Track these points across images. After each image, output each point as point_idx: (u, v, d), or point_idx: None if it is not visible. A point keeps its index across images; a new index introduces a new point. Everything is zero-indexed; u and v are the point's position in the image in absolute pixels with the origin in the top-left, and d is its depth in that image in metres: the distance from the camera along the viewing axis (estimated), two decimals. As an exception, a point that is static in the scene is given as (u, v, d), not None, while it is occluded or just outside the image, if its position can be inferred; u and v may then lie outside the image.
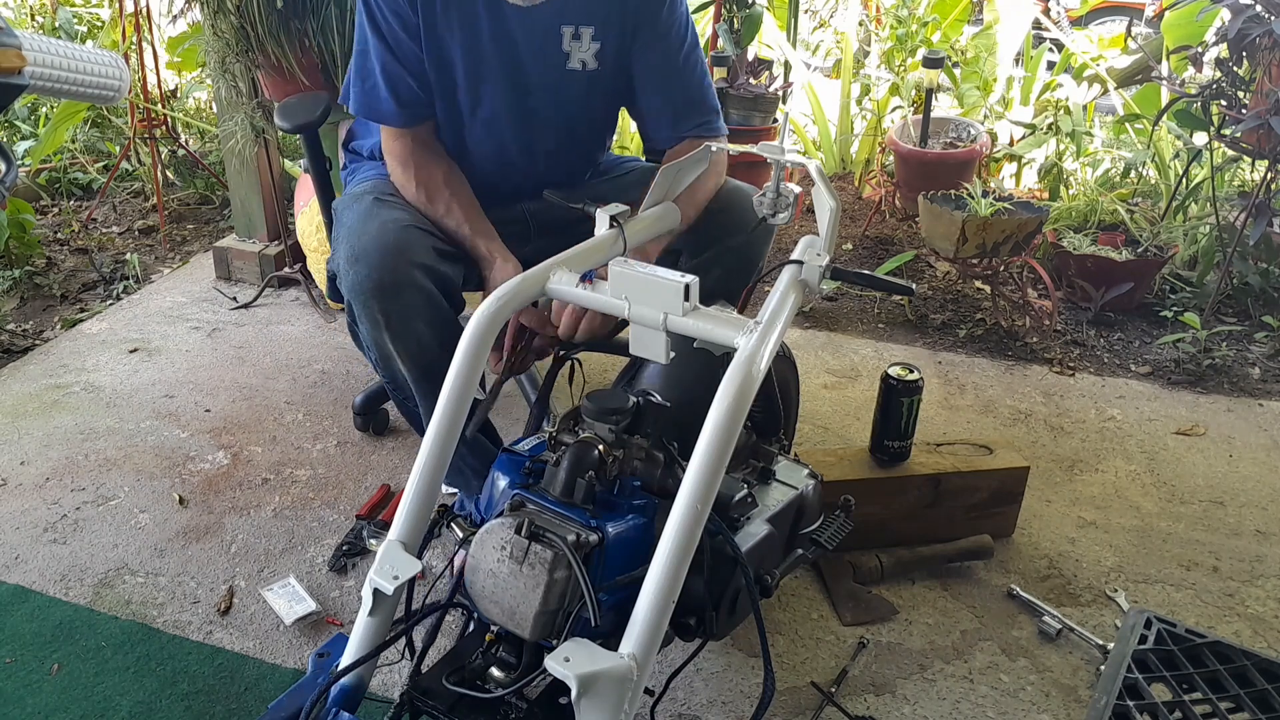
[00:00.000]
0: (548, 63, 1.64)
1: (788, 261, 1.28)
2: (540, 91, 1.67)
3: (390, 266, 1.50)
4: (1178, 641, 1.55)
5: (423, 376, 1.63)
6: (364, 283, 1.51)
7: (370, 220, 1.56)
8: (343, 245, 1.55)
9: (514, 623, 1.05)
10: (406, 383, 1.65)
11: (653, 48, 1.67)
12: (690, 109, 1.71)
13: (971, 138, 3.44)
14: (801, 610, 1.75)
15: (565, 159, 1.78)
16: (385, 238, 1.52)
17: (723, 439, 1.03)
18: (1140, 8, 6.10)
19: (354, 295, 1.54)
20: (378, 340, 1.58)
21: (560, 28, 1.61)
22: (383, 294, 1.51)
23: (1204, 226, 3.01)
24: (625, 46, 1.66)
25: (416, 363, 1.61)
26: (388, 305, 1.52)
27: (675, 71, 1.69)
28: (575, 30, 1.62)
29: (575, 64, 1.65)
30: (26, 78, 1.04)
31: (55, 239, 3.29)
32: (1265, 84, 2.61)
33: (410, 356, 1.60)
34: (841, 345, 2.70)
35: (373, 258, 1.50)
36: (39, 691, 1.55)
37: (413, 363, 1.61)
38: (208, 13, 2.55)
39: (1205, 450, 2.25)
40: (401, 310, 1.53)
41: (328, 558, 1.85)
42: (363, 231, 1.54)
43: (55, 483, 2.06)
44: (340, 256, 1.55)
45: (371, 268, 1.50)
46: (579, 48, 1.64)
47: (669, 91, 1.71)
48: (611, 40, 1.65)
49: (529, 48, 1.62)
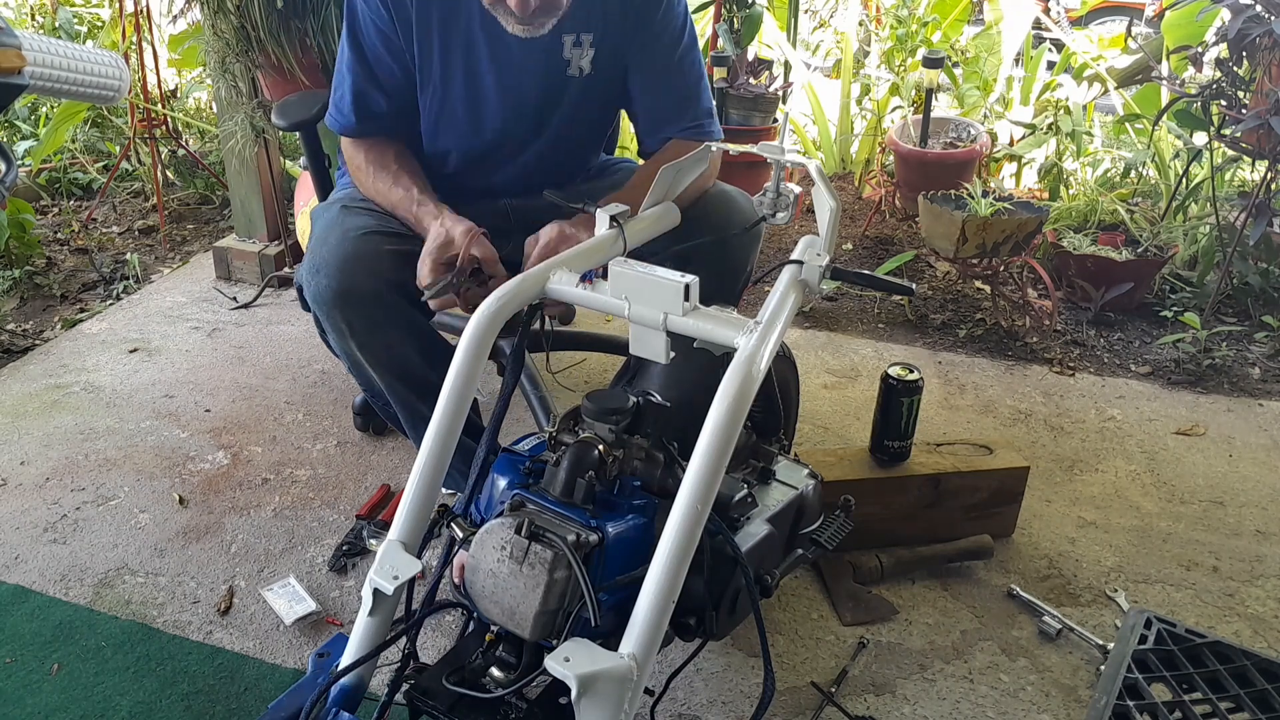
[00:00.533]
0: (548, 71, 1.63)
1: (788, 261, 1.28)
2: (538, 98, 1.66)
3: (350, 275, 1.50)
4: (1178, 641, 1.55)
5: (398, 381, 1.63)
6: (324, 293, 1.51)
7: (333, 230, 1.56)
8: (307, 256, 1.57)
9: (514, 623, 1.05)
10: (382, 389, 1.65)
11: (648, 48, 1.65)
12: (683, 110, 1.69)
13: (971, 138, 3.44)
14: (801, 610, 1.75)
15: (556, 161, 1.77)
16: (345, 247, 1.52)
17: (723, 439, 1.03)
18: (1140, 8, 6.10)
19: (317, 306, 1.55)
20: (346, 349, 1.59)
21: (561, 37, 1.61)
22: (344, 303, 1.51)
23: (1204, 226, 3.01)
24: (621, 49, 1.65)
25: (389, 369, 1.61)
26: (350, 314, 1.52)
27: (669, 72, 1.67)
28: (576, 38, 1.62)
29: (573, 70, 1.64)
30: (26, 78, 1.04)
31: (55, 239, 3.29)
32: (1265, 84, 2.61)
33: (381, 363, 1.60)
34: (841, 345, 2.70)
35: (332, 267, 1.50)
36: (39, 691, 1.55)
37: (384, 369, 1.61)
38: (208, 13, 2.55)
39: (1205, 450, 2.25)
40: (366, 318, 1.53)
41: (328, 558, 1.85)
42: (324, 241, 1.55)
43: (55, 483, 2.06)
44: (304, 267, 1.56)
45: (331, 277, 1.50)
46: (579, 55, 1.63)
47: (662, 92, 1.69)
48: (608, 44, 1.64)
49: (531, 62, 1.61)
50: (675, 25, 1.66)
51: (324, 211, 1.65)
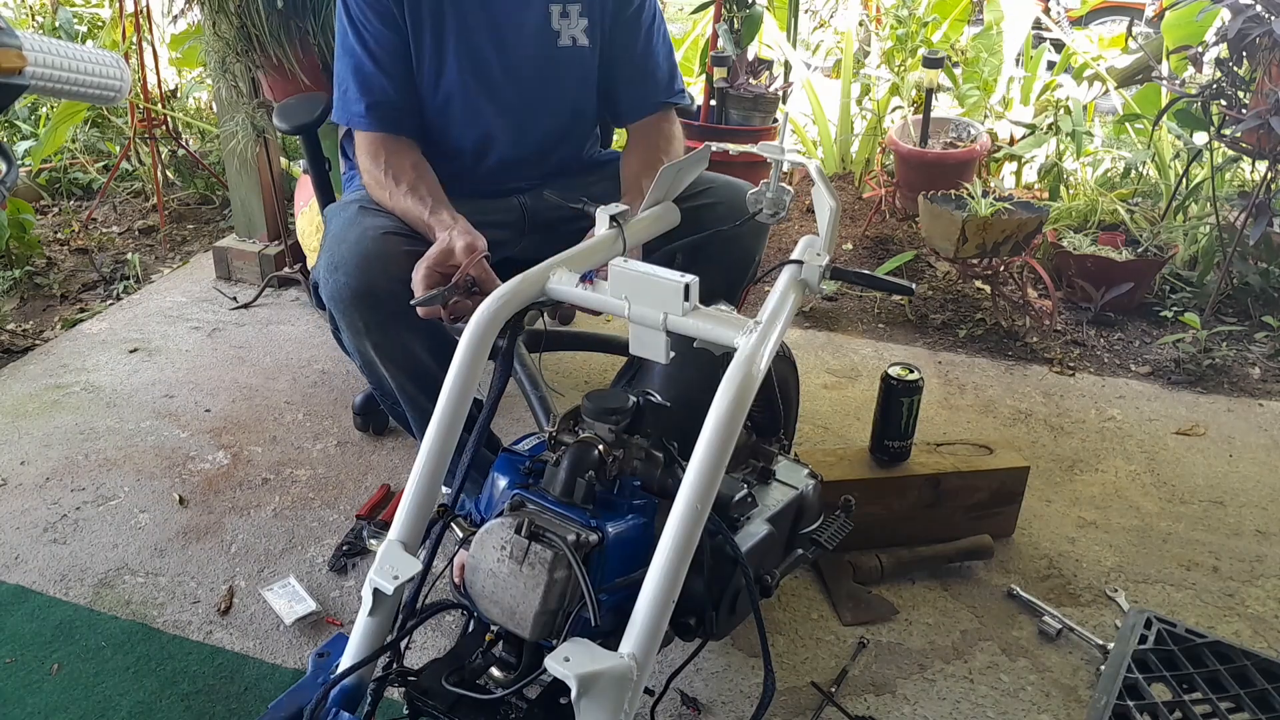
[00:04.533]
0: (537, 42, 1.65)
1: (788, 261, 1.28)
2: (531, 72, 1.67)
3: (368, 274, 1.50)
4: (1178, 641, 1.55)
5: (410, 381, 1.63)
6: (342, 291, 1.51)
7: (351, 228, 1.56)
8: (324, 253, 1.56)
9: (514, 623, 1.05)
10: (392, 388, 1.65)
11: (628, 24, 1.70)
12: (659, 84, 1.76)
13: (971, 138, 3.44)
14: (801, 610, 1.75)
15: (560, 141, 1.78)
16: (364, 245, 1.52)
17: (723, 439, 1.03)
18: (1140, 8, 6.10)
19: (333, 303, 1.55)
20: (360, 348, 1.59)
21: (548, 6, 1.62)
22: (361, 302, 1.51)
23: (1204, 226, 3.01)
24: (608, 23, 1.68)
25: (402, 368, 1.61)
26: (367, 313, 1.52)
27: (650, 46, 1.73)
28: (563, 8, 1.63)
29: (565, 41, 1.66)
30: (27, 78, 1.04)
31: (55, 239, 3.29)
32: (1265, 84, 2.61)
33: (395, 363, 1.60)
34: (841, 345, 2.70)
35: (350, 265, 1.50)
36: (39, 691, 1.55)
37: (398, 368, 1.61)
38: (208, 13, 2.55)
39: (1205, 450, 2.25)
40: (382, 318, 1.53)
41: (328, 558, 1.85)
42: (343, 239, 1.54)
43: (55, 483, 2.06)
44: (321, 264, 1.56)
45: (350, 275, 1.50)
46: (568, 25, 1.64)
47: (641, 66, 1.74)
48: (597, 16, 1.67)
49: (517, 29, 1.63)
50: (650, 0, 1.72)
51: (340, 210, 1.65)
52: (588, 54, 1.69)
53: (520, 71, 1.67)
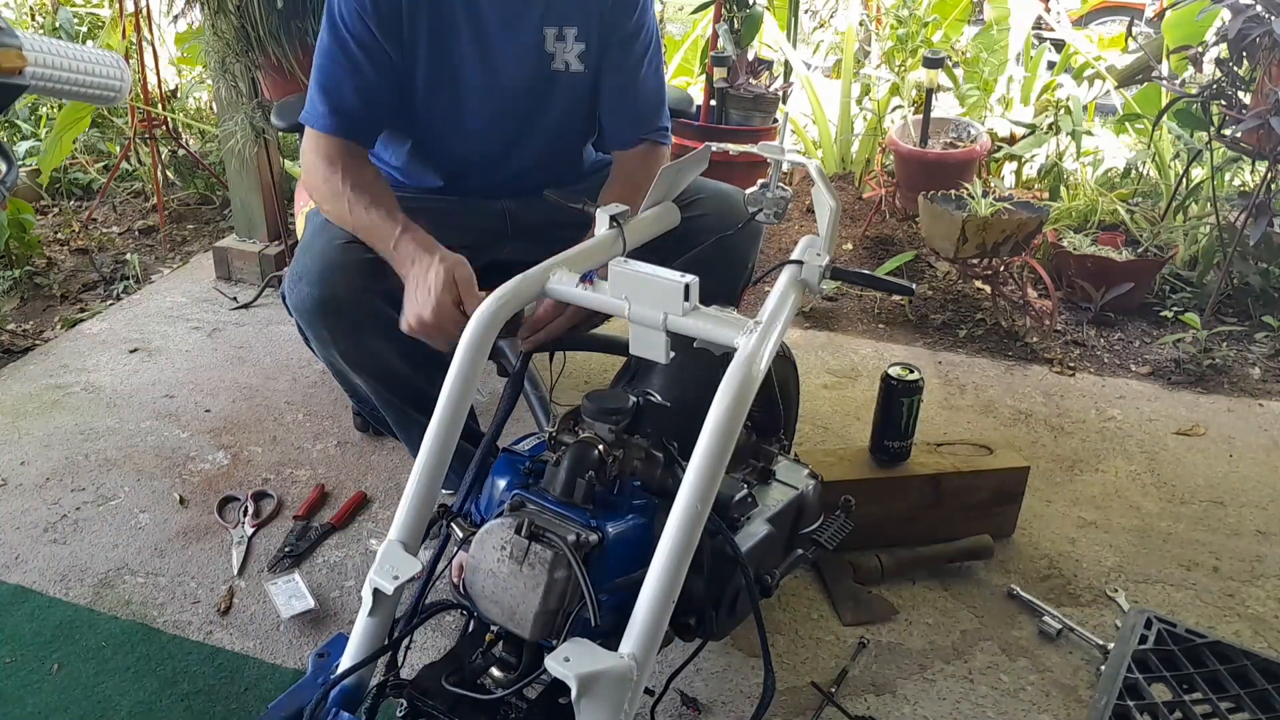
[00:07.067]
0: (532, 65, 1.62)
1: (788, 261, 1.28)
2: (524, 94, 1.65)
3: (331, 284, 1.49)
4: (1178, 641, 1.55)
5: (383, 386, 1.62)
6: (306, 301, 1.51)
7: (317, 238, 1.55)
8: (293, 262, 1.56)
9: (514, 623, 1.05)
10: (367, 394, 1.65)
11: (620, 51, 1.65)
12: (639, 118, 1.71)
13: (972, 138, 3.44)
14: (801, 610, 1.75)
15: (551, 161, 1.76)
16: (328, 255, 1.51)
17: (723, 439, 1.03)
18: (1140, 8, 6.09)
19: (299, 314, 1.55)
20: (328, 357, 1.59)
21: (544, 29, 1.60)
22: (325, 312, 1.51)
23: (1204, 226, 3.01)
24: (601, 47, 1.65)
25: (373, 374, 1.60)
26: (331, 322, 1.52)
27: (637, 77, 1.68)
28: (559, 31, 1.61)
29: (559, 65, 1.63)
30: (27, 78, 1.04)
31: (55, 239, 3.29)
32: (1265, 84, 2.61)
33: (365, 369, 1.59)
34: (841, 345, 2.70)
35: (313, 275, 1.50)
36: (39, 691, 1.55)
37: (369, 375, 1.60)
38: (208, 13, 2.55)
39: (1205, 450, 2.25)
40: (347, 326, 1.53)
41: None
42: (308, 248, 1.54)
43: (55, 483, 2.06)
44: (288, 274, 1.56)
45: (313, 285, 1.50)
46: (563, 49, 1.62)
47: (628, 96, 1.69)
48: (593, 41, 1.64)
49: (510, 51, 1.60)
50: (648, 30, 1.67)
51: (313, 217, 1.65)
52: (581, 79, 1.65)
53: (509, 93, 1.64)
